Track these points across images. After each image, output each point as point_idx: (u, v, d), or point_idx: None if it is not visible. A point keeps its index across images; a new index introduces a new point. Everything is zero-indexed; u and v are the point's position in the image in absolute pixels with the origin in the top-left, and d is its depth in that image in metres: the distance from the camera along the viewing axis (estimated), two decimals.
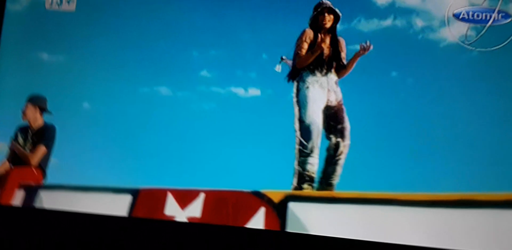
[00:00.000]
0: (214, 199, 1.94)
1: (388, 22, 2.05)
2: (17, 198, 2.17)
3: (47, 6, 2.44)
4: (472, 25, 1.96)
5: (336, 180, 1.91)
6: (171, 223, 1.95)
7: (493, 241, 1.66)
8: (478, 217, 1.69)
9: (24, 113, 2.33)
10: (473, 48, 1.94)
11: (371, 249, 1.73)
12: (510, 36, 1.90)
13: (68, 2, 2.43)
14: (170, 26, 2.26)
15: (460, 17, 1.99)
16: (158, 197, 2.00)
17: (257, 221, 1.88)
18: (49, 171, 2.21)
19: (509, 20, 1.93)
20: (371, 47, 2.00)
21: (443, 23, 1.99)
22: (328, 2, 2.09)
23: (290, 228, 1.84)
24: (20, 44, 2.41)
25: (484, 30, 1.94)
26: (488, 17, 1.95)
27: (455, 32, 1.98)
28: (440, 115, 1.86)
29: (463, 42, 1.96)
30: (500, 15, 1.95)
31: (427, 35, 2.00)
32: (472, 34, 1.96)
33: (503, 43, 1.90)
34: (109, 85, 2.25)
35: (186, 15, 2.23)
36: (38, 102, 2.32)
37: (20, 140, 2.31)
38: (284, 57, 2.10)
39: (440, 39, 2.00)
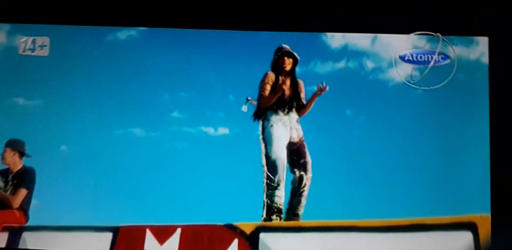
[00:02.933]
0: (191, 233, 2.16)
1: (341, 64, 2.34)
2: (1, 240, 2.31)
3: (20, 51, 2.61)
4: (416, 66, 2.26)
5: (301, 211, 2.16)
6: None
7: None
8: (428, 239, 1.97)
9: (3, 157, 2.48)
10: (418, 87, 2.24)
11: None
12: (450, 75, 2.21)
13: (41, 47, 2.60)
14: (141, 69, 2.47)
15: (406, 58, 2.29)
16: (138, 233, 2.20)
17: None
18: (31, 212, 2.37)
19: (448, 61, 2.24)
20: (327, 88, 2.28)
21: (391, 64, 2.29)
22: (287, 47, 2.36)
23: None
24: None
25: (426, 71, 2.24)
26: (430, 59, 2.25)
27: (402, 72, 2.28)
28: (390, 148, 2.16)
29: (408, 81, 2.26)
30: (440, 56, 2.25)
31: (377, 76, 2.30)
32: (416, 74, 2.26)
33: (443, 82, 2.21)
34: (85, 128, 2.44)
35: (154, 58, 2.46)
36: (16, 146, 2.48)
37: (1, 183, 2.46)
38: (249, 98, 2.35)
39: (389, 79, 2.29)
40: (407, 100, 2.21)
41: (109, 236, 2.22)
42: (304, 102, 2.30)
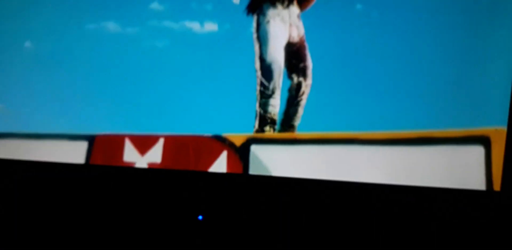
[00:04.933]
0: (174, 144, 2.05)
1: None
2: None
3: None
4: None
5: (297, 121, 2.02)
6: (132, 169, 2.06)
7: (449, 176, 1.84)
8: (436, 154, 1.85)
9: None
10: None
11: (333, 188, 1.90)
12: None
13: None
14: None
15: None
16: (116, 143, 2.09)
17: (220, 165, 2.01)
18: None
19: None
20: None
21: None
22: None
23: (253, 171, 1.99)
24: None
25: None
26: None
27: None
28: (402, 50, 1.93)
29: None
30: None
31: None
32: None
33: None
34: (51, 21, 2.21)
35: None
36: None
37: None
38: None
39: None
40: None
41: (84, 145, 2.11)
42: None
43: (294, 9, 2.06)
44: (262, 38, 2.05)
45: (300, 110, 2.02)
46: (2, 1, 2.25)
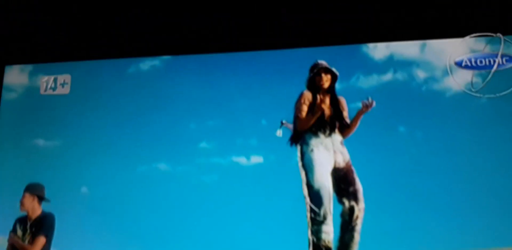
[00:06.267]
0: None
1: (388, 76, 2.11)
2: None
3: (42, 91, 2.55)
4: (476, 71, 2.00)
5: (355, 248, 1.85)
6: None
7: None
8: None
9: (22, 203, 2.35)
10: (481, 95, 1.97)
11: None
12: None
13: (63, 86, 2.54)
14: (164, 100, 2.34)
15: (463, 64, 2.04)
16: None
17: None
18: None
19: None
20: (374, 103, 2.03)
21: (446, 72, 2.04)
22: (324, 62, 2.16)
23: None
24: (16, 132, 2.50)
25: (490, 76, 1.98)
26: (491, 63, 2.00)
27: (460, 80, 2.03)
28: (456, 169, 1.84)
29: (469, 90, 1.99)
30: (504, 59, 1.99)
31: (431, 86, 2.05)
32: (478, 81, 2.00)
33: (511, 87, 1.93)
34: (106, 166, 2.29)
35: (179, 87, 2.33)
36: (36, 191, 2.35)
37: (19, 231, 2.31)
38: (284, 121, 2.14)
39: (445, 89, 2.04)
40: (470, 111, 1.93)
41: None
42: (348, 121, 2.05)
43: (337, 137, 2.07)
44: (307, 166, 2.02)
45: (357, 236, 1.86)
46: (60, 151, 2.40)
